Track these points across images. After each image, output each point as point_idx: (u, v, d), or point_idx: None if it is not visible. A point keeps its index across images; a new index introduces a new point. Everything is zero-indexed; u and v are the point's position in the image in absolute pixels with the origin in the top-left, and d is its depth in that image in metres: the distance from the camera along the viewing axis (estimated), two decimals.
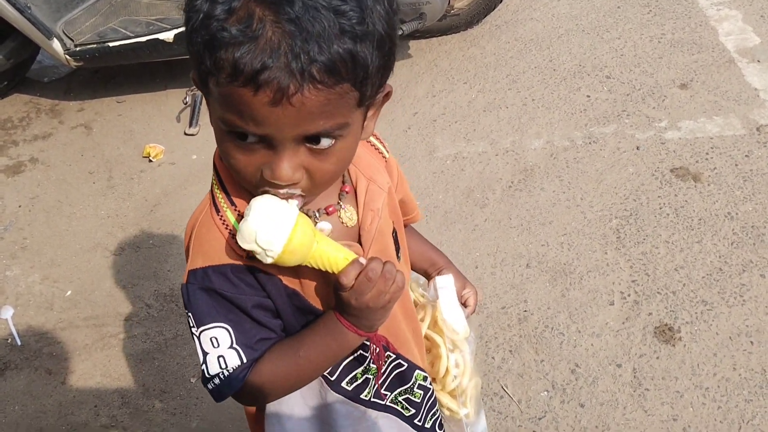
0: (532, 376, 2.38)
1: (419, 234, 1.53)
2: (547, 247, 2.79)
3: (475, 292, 1.49)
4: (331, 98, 0.84)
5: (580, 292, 2.61)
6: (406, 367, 1.28)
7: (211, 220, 1.05)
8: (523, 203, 2.99)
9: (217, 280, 1.02)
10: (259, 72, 0.79)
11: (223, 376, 1.05)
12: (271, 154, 0.90)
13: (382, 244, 1.16)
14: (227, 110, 0.87)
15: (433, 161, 3.28)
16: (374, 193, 1.14)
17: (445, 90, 3.70)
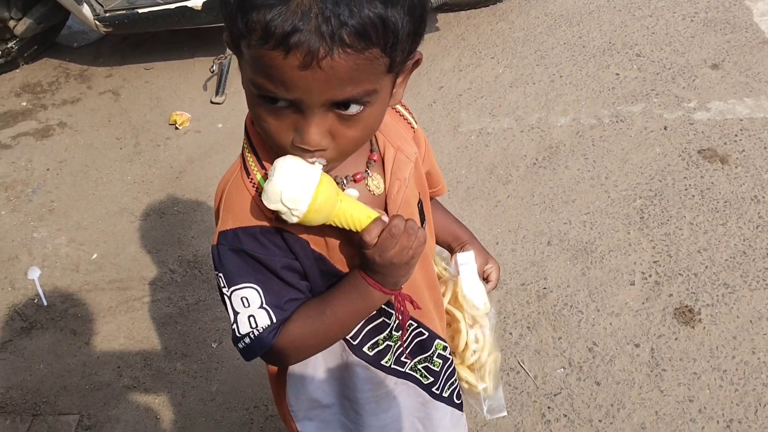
0: (549, 352, 2.39)
1: (444, 208, 1.53)
2: (570, 225, 2.78)
3: (498, 267, 1.49)
4: (360, 63, 0.85)
5: (600, 271, 2.60)
6: (426, 336, 1.30)
7: (242, 182, 1.06)
8: (546, 181, 2.98)
9: (246, 241, 1.04)
10: (290, 35, 0.80)
11: (253, 335, 1.06)
12: (300, 119, 0.91)
13: (408, 213, 1.16)
14: (258, 73, 0.87)
15: (457, 136, 3.27)
16: (401, 163, 1.14)
17: (471, 64, 3.67)
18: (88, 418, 2.32)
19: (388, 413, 1.36)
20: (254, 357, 1.10)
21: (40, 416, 2.32)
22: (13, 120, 3.66)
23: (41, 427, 2.29)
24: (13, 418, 2.31)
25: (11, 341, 2.57)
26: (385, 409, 1.35)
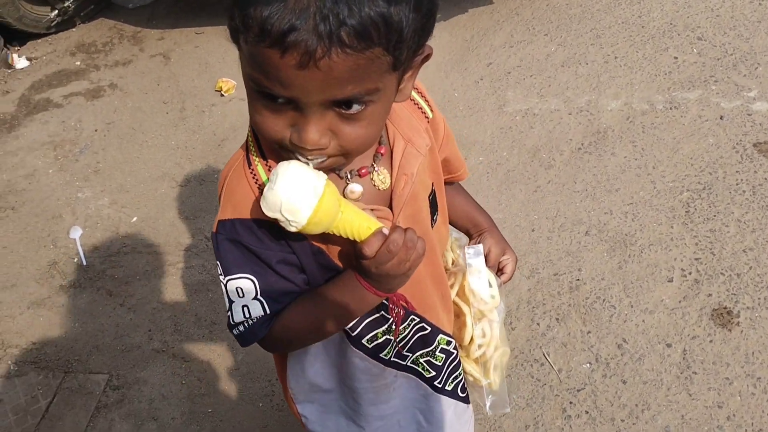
0: (576, 346, 2.33)
1: (465, 192, 1.49)
2: (610, 215, 2.69)
3: (515, 259, 1.45)
4: (360, 63, 0.81)
5: (638, 265, 2.52)
6: (429, 331, 1.28)
7: (243, 172, 1.05)
8: (590, 167, 2.88)
9: (243, 233, 1.03)
10: (286, 33, 0.77)
11: (247, 324, 1.08)
12: (299, 116, 0.88)
13: (415, 209, 1.15)
14: (255, 69, 0.85)
15: (501, 116, 3.19)
16: (410, 156, 1.11)
17: (523, 41, 3.56)
18: (117, 378, 2.39)
19: (388, 404, 1.36)
20: (248, 344, 1.11)
21: (72, 373, 2.40)
22: (66, 79, 3.74)
23: (72, 384, 2.37)
24: (46, 374, 2.40)
25: (49, 298, 2.65)
26: (385, 400, 1.35)
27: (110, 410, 2.30)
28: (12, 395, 2.34)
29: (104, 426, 2.25)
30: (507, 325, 2.45)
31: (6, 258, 2.81)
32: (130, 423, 2.26)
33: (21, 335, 2.53)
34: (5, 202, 3.06)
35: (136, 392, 2.35)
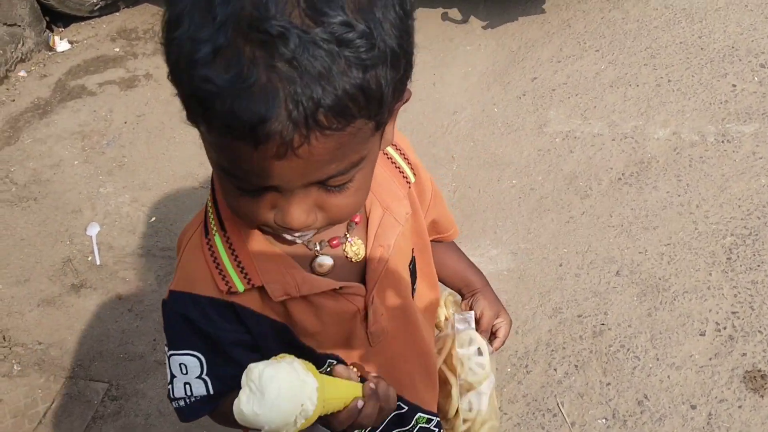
0: (594, 399, 2.19)
1: (458, 250, 1.41)
2: (645, 255, 2.52)
3: (509, 322, 1.36)
4: (343, 140, 0.72)
5: (669, 314, 2.35)
6: (406, 410, 1.21)
7: (199, 243, 0.97)
8: (629, 200, 2.70)
9: (193, 310, 0.96)
10: (257, 125, 0.66)
11: (186, 402, 1.04)
12: (279, 198, 0.79)
13: (392, 281, 1.07)
14: (223, 159, 0.76)
15: (540, 137, 3.02)
16: (388, 226, 1.03)
17: (572, 56, 3.37)
18: (117, 388, 2.36)
19: None
20: (188, 421, 1.06)
21: (73, 379, 2.37)
22: (103, 66, 3.71)
23: (72, 390, 2.34)
24: (48, 377, 2.38)
25: (60, 296, 2.63)
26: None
27: (106, 422, 2.26)
28: (12, 396, 2.33)
29: None
30: (521, 368, 2.33)
31: (23, 251, 2.80)
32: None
33: (28, 333, 2.51)
34: (29, 192, 3.06)
35: (134, 405, 2.30)
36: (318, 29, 0.65)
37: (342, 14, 0.66)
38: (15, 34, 3.73)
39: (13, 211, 2.98)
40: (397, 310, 1.10)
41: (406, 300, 1.12)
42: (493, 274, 2.56)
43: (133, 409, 2.29)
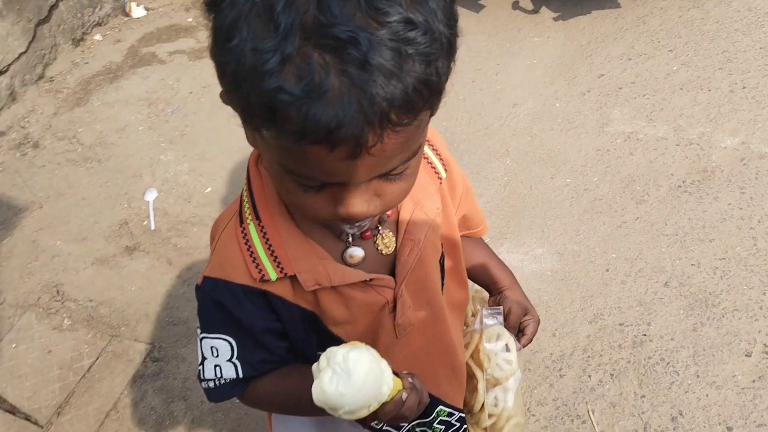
0: (626, 409, 2.14)
1: (486, 247, 1.41)
2: (697, 268, 2.44)
3: (537, 321, 1.35)
4: (410, 134, 0.75)
5: (716, 331, 2.27)
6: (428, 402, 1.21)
7: (234, 231, 1.00)
8: (687, 209, 2.61)
9: (227, 296, 1.00)
10: (334, 130, 0.68)
11: (216, 383, 1.06)
12: (342, 191, 0.80)
13: (421, 275, 1.08)
14: (290, 161, 0.77)
15: (601, 136, 2.94)
16: (419, 221, 1.04)
17: (644, 55, 3.26)
18: (159, 350, 2.44)
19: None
20: (216, 402, 1.10)
21: (118, 338, 2.47)
22: (175, 35, 3.80)
23: (116, 348, 2.44)
24: (95, 333, 2.48)
25: (114, 257, 2.73)
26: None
27: (146, 381, 2.34)
28: (60, 349, 2.44)
29: (137, 396, 2.30)
30: (554, 371, 2.30)
31: (83, 210, 2.91)
32: (161, 398, 2.30)
33: (81, 290, 2.62)
34: (93, 154, 3.17)
35: (173, 368, 2.38)
36: (383, 30, 0.65)
37: (401, 10, 0.66)
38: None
39: (78, 171, 3.10)
40: (424, 304, 1.11)
41: (434, 294, 1.13)
42: (535, 274, 2.52)
43: (173, 371, 2.37)
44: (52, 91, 3.53)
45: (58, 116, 3.38)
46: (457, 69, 0.77)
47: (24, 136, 3.26)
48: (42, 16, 3.47)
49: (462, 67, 3.50)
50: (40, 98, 3.47)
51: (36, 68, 3.53)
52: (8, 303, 2.58)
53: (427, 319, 1.13)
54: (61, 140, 3.25)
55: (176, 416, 2.25)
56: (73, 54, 3.77)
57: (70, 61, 3.72)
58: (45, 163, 3.14)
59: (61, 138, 3.26)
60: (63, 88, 3.54)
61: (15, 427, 2.24)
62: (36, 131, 3.29)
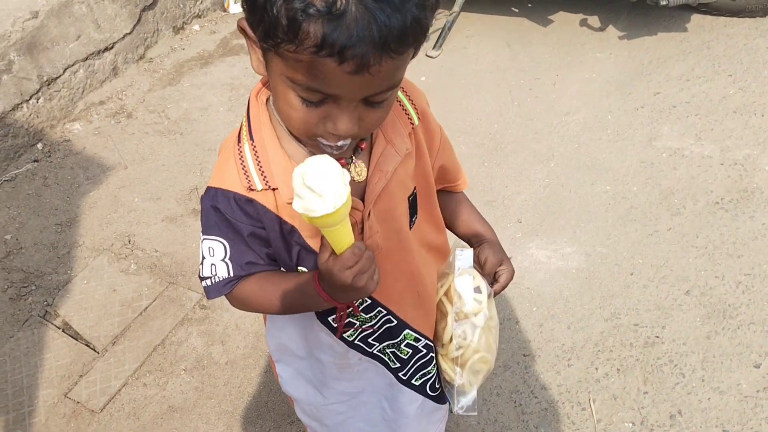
0: (626, 403, 2.23)
1: (469, 203, 1.52)
2: (721, 280, 2.49)
3: (511, 271, 1.44)
4: (398, 64, 0.91)
5: (729, 341, 2.32)
6: (395, 324, 1.35)
7: (232, 149, 1.16)
8: (721, 225, 2.67)
9: (222, 202, 1.15)
10: (347, 48, 0.84)
11: (211, 281, 1.21)
12: (334, 109, 0.96)
13: (388, 206, 1.21)
14: (300, 72, 0.91)
15: (647, 149, 3.02)
16: (388, 156, 1.18)
17: (702, 77, 3.31)
18: (207, 300, 2.70)
19: (352, 383, 1.44)
20: (212, 298, 1.24)
21: (174, 285, 2.75)
22: None
23: (171, 294, 2.72)
24: (155, 279, 2.78)
25: (181, 217, 3.03)
26: (348, 379, 1.43)
27: (192, 324, 2.61)
28: (124, 289, 2.75)
29: (182, 336, 2.57)
30: (563, 360, 2.40)
31: (161, 174, 3.24)
32: (203, 340, 2.55)
33: (149, 241, 2.93)
34: (177, 127, 3.51)
35: (217, 316, 2.64)
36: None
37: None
38: None
39: (162, 141, 3.44)
40: (391, 232, 1.24)
41: (401, 225, 1.25)
42: (560, 270, 2.64)
43: (216, 319, 2.62)
44: (150, 70, 3.92)
45: (151, 92, 3.76)
46: (516, 77, 0.97)
47: (120, 107, 3.65)
48: (148, 2, 3.87)
49: (521, 76, 3.65)
50: (139, 75, 3.87)
51: (138, 49, 3.93)
52: (86, 246, 2.92)
53: (393, 247, 1.25)
54: (151, 113, 3.61)
55: (213, 357, 2.50)
56: (172, 40, 4.17)
57: (169, 46, 4.12)
58: (135, 131, 3.50)
59: (151, 111, 3.63)
60: (159, 69, 3.93)
61: (76, 350, 2.54)
62: (131, 103, 3.67)
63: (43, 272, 2.81)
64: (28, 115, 3.34)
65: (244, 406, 2.35)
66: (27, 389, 2.45)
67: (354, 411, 1.51)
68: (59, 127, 3.50)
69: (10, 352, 2.55)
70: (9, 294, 2.73)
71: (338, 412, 1.51)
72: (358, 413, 1.52)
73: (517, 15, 4.13)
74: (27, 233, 2.97)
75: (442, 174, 1.39)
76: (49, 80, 3.41)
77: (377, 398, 1.49)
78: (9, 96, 3.21)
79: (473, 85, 3.68)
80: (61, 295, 2.72)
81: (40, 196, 3.14)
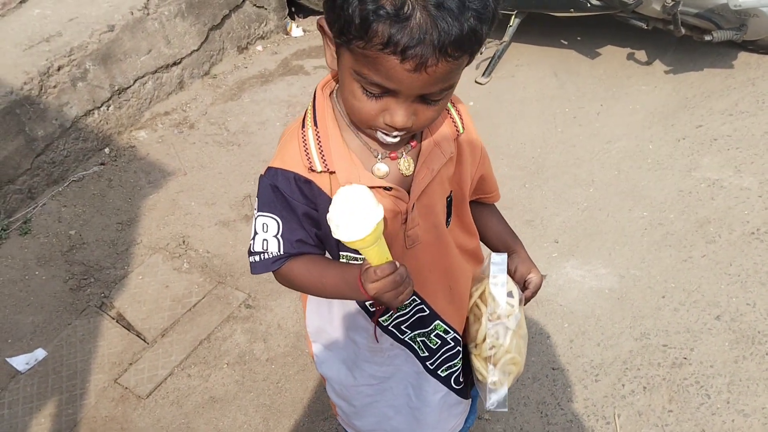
0: (651, 420, 2.28)
1: (501, 217, 1.61)
2: (752, 308, 2.53)
3: (539, 277, 1.51)
4: (453, 67, 1.02)
5: (757, 366, 2.35)
6: (427, 313, 1.44)
7: (296, 132, 1.25)
8: (755, 254, 2.70)
9: (282, 181, 1.23)
10: (409, 47, 0.95)
11: (261, 257, 1.29)
12: (392, 102, 1.08)
13: (429, 202, 1.31)
14: (366, 67, 1.03)
15: (686, 179, 3.08)
16: (435, 156, 1.27)
17: (746, 112, 3.36)
18: (253, 299, 2.85)
19: (382, 368, 1.53)
20: (257, 273, 1.32)
21: (222, 284, 2.91)
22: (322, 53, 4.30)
23: (219, 292, 2.88)
24: (206, 278, 2.94)
25: (234, 222, 3.21)
26: (380, 363, 1.52)
27: (236, 322, 2.76)
28: (176, 285, 2.92)
29: (227, 333, 2.72)
30: (591, 375, 2.45)
31: (217, 181, 3.44)
32: (245, 337, 2.70)
33: (202, 243, 3.11)
34: (236, 139, 3.72)
35: (261, 315, 2.78)
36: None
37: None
38: (261, 15, 4.49)
39: (220, 151, 3.65)
40: (431, 227, 1.33)
41: (439, 221, 1.35)
42: (593, 290, 2.71)
43: (260, 318, 2.77)
44: (213, 85, 4.16)
45: (213, 106, 3.99)
46: (561, 105, 1.09)
47: (183, 118, 3.88)
48: (216, 22, 4.12)
49: (566, 104, 3.75)
50: (203, 90, 4.11)
51: (204, 65, 4.18)
52: (143, 244, 3.11)
53: (432, 241, 1.35)
54: (212, 125, 3.83)
55: (255, 353, 2.64)
56: (236, 58, 4.41)
57: (233, 64, 4.36)
58: (196, 141, 3.72)
59: (212, 123, 3.85)
60: (222, 85, 4.17)
61: (127, 339, 2.71)
62: (194, 115, 3.90)
63: (102, 266, 3.01)
64: (99, 121, 3.58)
65: (280, 401, 2.47)
66: (80, 373, 2.63)
67: (381, 395, 1.60)
68: (126, 134, 3.75)
69: (67, 338, 2.74)
70: (70, 285, 2.93)
71: (366, 394, 1.60)
72: (384, 398, 1.61)
73: (565, 47, 4.25)
74: (90, 230, 3.18)
75: (481, 184, 1.48)
76: (120, 90, 3.66)
77: (404, 385, 1.58)
78: (82, 102, 3.47)
79: (519, 111, 3.80)
80: (117, 288, 2.91)
81: (104, 197, 3.37)
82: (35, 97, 3.23)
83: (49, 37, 3.45)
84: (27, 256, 3.06)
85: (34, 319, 2.79)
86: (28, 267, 3.01)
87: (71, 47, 3.40)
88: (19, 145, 3.21)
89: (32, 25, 3.55)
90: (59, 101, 3.35)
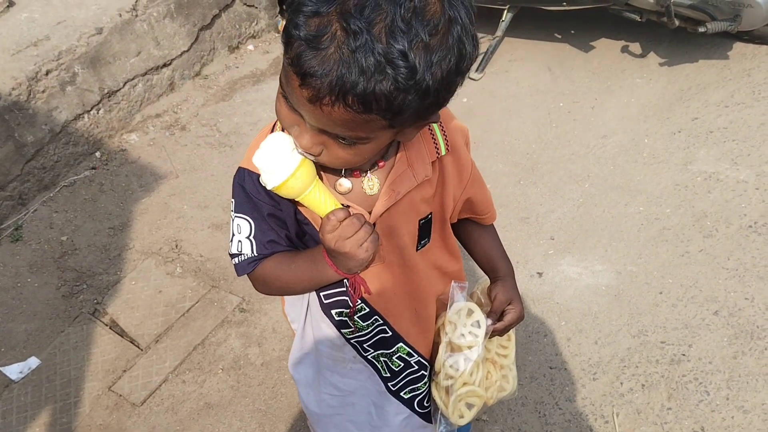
0: (650, 418, 2.26)
1: (494, 237, 1.56)
2: (750, 302, 2.50)
3: (519, 312, 1.48)
4: (356, 119, 0.94)
5: (755, 361, 2.33)
6: (390, 335, 1.41)
7: (265, 134, 1.23)
8: (752, 248, 2.68)
9: (248, 182, 1.24)
10: (309, 75, 0.89)
11: (239, 259, 1.29)
12: (301, 122, 1.03)
13: (393, 224, 1.27)
14: (284, 75, 0.99)
15: (682, 173, 3.06)
16: (405, 178, 1.22)
17: (741, 104, 3.33)
18: (247, 303, 2.82)
19: (344, 380, 1.51)
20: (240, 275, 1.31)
21: (216, 288, 2.88)
22: None
23: (213, 296, 2.85)
24: (199, 282, 2.92)
25: (227, 224, 3.17)
26: (343, 375, 1.50)
27: (231, 326, 2.73)
28: (169, 290, 2.89)
29: (221, 337, 2.69)
30: (589, 374, 2.43)
31: (210, 184, 3.41)
32: (241, 341, 2.67)
33: (195, 247, 3.08)
34: (228, 140, 3.69)
35: (256, 319, 2.76)
36: (382, 46, 0.86)
37: (408, 46, 0.86)
38: (251, 14, 4.45)
39: (212, 153, 3.62)
40: (394, 248, 1.30)
41: (404, 243, 1.30)
42: (590, 287, 2.68)
43: (254, 322, 2.74)
44: (204, 86, 4.13)
45: (205, 107, 3.95)
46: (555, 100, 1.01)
47: (175, 120, 3.85)
48: (206, 22, 4.09)
49: (560, 99, 3.73)
50: (194, 91, 4.08)
51: (194, 66, 4.14)
52: (135, 249, 3.09)
53: (395, 262, 1.32)
54: (204, 126, 3.80)
55: (250, 358, 2.62)
56: (227, 58, 4.38)
57: (224, 64, 4.32)
58: (187, 143, 3.69)
59: (204, 125, 3.82)
60: (213, 85, 4.13)
61: (121, 346, 2.69)
62: (185, 117, 3.87)
63: (95, 272, 2.98)
64: (89, 125, 3.55)
65: (276, 406, 2.45)
66: (74, 381, 2.61)
67: (343, 409, 1.58)
68: (117, 137, 3.72)
69: (60, 346, 2.72)
70: (62, 291, 2.90)
71: (329, 405, 1.58)
72: (346, 412, 1.58)
73: (559, 41, 4.21)
74: (81, 235, 3.16)
75: (469, 206, 1.43)
76: (110, 93, 3.63)
77: (366, 402, 1.55)
78: (72, 106, 3.44)
79: (513, 107, 3.77)
80: (110, 294, 2.88)
81: (95, 201, 3.34)
82: (24, 103, 3.20)
83: (36, 42, 3.41)
84: (19, 264, 3.03)
85: (26, 327, 2.77)
86: (20, 274, 2.98)
87: (59, 51, 3.37)
88: (9, 151, 3.18)
89: (20, 30, 3.51)
90: (48, 106, 3.32)
